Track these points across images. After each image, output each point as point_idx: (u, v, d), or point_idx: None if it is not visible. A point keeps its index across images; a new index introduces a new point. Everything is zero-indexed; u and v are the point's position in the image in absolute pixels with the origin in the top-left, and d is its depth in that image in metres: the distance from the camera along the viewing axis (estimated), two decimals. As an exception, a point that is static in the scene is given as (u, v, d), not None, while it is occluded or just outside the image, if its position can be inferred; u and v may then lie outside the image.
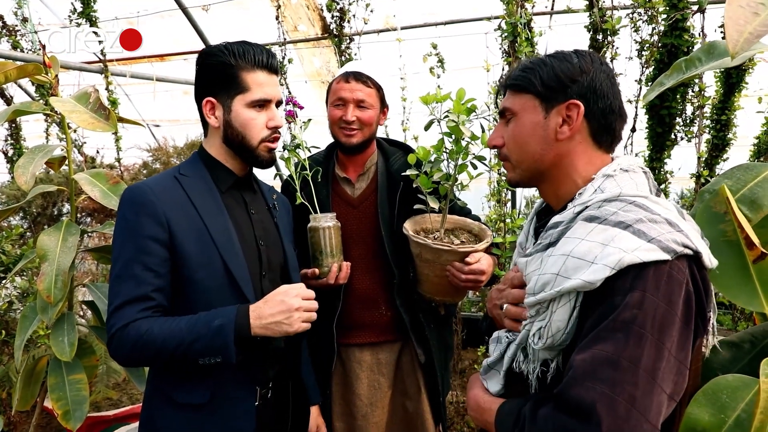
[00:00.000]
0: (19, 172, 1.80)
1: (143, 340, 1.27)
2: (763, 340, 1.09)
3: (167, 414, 1.39)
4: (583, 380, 0.86)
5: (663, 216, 0.96)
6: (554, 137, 1.09)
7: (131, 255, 1.31)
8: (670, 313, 0.88)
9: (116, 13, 4.66)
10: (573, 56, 1.10)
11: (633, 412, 0.83)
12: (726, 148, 3.42)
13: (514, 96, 1.14)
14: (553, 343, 0.99)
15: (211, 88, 1.43)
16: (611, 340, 0.87)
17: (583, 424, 0.84)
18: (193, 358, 1.27)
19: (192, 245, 1.36)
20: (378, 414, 1.97)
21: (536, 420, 0.91)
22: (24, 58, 4.16)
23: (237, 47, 1.40)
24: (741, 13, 0.85)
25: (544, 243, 1.07)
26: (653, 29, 2.97)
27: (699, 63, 1.15)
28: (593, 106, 1.07)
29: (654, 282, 0.89)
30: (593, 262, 0.92)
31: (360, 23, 3.85)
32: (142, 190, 1.36)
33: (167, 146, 4.86)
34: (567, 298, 0.96)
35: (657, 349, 0.86)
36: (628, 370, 0.85)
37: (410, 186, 1.81)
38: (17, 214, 4.18)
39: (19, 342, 1.90)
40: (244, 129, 1.42)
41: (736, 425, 0.90)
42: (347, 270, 1.79)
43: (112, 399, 3.17)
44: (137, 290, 1.30)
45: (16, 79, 1.89)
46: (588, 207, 1.03)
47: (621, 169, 1.07)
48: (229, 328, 1.26)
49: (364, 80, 1.87)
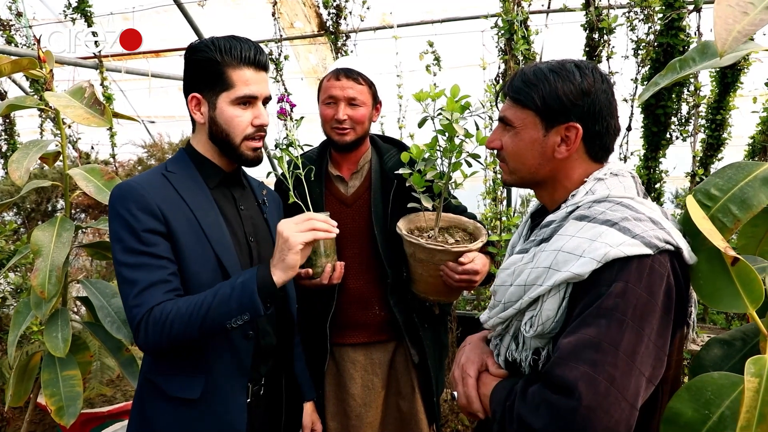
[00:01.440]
0: (13, 167, 1.79)
1: (171, 317, 1.25)
2: (754, 338, 1.10)
3: (159, 407, 1.39)
4: (567, 360, 0.94)
5: (647, 215, 1.04)
6: (552, 155, 1.15)
7: (136, 247, 1.30)
8: (650, 302, 0.95)
9: (111, 8, 4.64)
10: (576, 73, 1.11)
11: (612, 390, 0.90)
12: (721, 148, 3.44)
13: (515, 108, 1.17)
14: (543, 331, 1.06)
15: (196, 84, 1.42)
16: (594, 325, 0.95)
17: (565, 399, 0.91)
18: (220, 323, 1.24)
19: (188, 237, 1.36)
20: (372, 414, 1.96)
21: (525, 395, 0.99)
22: (18, 53, 4.14)
23: (224, 43, 1.38)
24: (730, 13, 0.86)
25: (538, 239, 1.14)
26: (649, 28, 2.98)
27: (693, 63, 1.16)
28: (591, 129, 1.12)
29: (637, 274, 0.96)
30: (581, 256, 1.00)
31: (356, 20, 3.85)
32: (131, 187, 1.35)
33: (162, 142, 4.84)
34: (557, 289, 1.03)
35: (636, 334, 0.94)
36: (608, 352, 0.92)
37: (404, 184, 1.80)
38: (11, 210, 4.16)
39: (13, 338, 1.89)
40: (228, 126, 1.41)
41: (720, 422, 0.92)
42: (341, 270, 1.78)
43: (106, 395, 3.17)
44: (154, 275, 1.29)
45: (11, 73, 1.88)
46: (579, 207, 1.10)
47: (611, 173, 1.14)
48: (252, 280, 1.25)
49: (355, 77, 1.84)
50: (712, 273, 1.02)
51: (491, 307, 1.22)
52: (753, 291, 0.95)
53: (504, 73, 3.13)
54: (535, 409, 0.95)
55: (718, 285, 1.00)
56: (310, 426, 1.79)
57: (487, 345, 1.29)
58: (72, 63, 4.54)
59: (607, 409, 0.89)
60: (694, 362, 1.15)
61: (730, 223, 1.07)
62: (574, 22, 3.21)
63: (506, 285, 1.15)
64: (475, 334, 1.35)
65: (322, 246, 1.74)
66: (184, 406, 1.37)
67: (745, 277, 0.96)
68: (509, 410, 1.02)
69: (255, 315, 1.25)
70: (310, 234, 1.29)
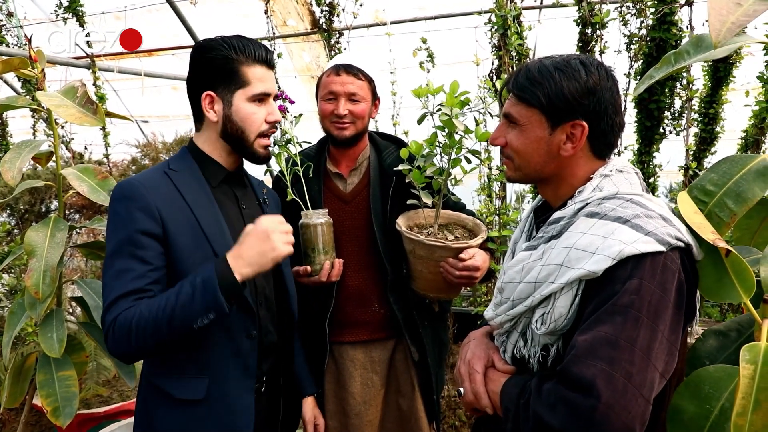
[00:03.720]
0: (6, 167, 1.78)
1: (135, 322, 1.23)
2: (749, 328, 1.11)
3: (163, 410, 1.38)
4: (584, 358, 0.94)
5: (657, 212, 1.05)
6: (557, 152, 1.15)
7: (126, 249, 1.30)
8: (664, 299, 0.97)
9: (103, 7, 4.61)
10: (581, 71, 1.11)
11: (629, 387, 0.91)
12: (714, 142, 3.45)
13: (520, 106, 1.17)
14: (555, 328, 1.06)
15: (210, 82, 1.41)
16: (610, 322, 0.95)
17: (583, 397, 0.91)
18: (188, 325, 1.22)
19: (185, 239, 1.35)
20: (372, 412, 1.96)
21: (541, 393, 0.99)
22: (10, 53, 4.12)
23: (236, 41, 1.40)
24: (724, 4, 0.87)
25: (546, 236, 1.14)
26: (641, 23, 2.99)
27: (687, 55, 1.17)
28: (597, 127, 1.12)
29: (651, 271, 0.97)
30: (595, 253, 1.01)
31: (349, 18, 3.84)
32: (132, 185, 1.35)
33: (156, 142, 4.82)
34: (569, 286, 1.04)
35: (651, 331, 0.95)
36: (625, 350, 0.93)
37: (403, 181, 1.79)
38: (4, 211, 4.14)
39: (7, 339, 1.88)
40: (244, 123, 1.42)
41: (721, 414, 0.93)
42: (340, 267, 1.77)
43: (103, 396, 3.16)
44: (133, 284, 1.28)
45: (2, 73, 1.88)
46: (588, 204, 1.10)
47: (616, 169, 1.15)
48: (212, 278, 1.23)
49: (355, 72, 1.84)
50: (711, 267, 1.03)
51: (498, 304, 1.21)
52: (745, 280, 0.97)
53: (498, 69, 3.13)
54: (552, 407, 0.96)
55: (716, 278, 1.02)
56: (313, 420, 1.79)
57: (491, 341, 1.29)
58: (64, 63, 4.51)
59: (625, 406, 0.89)
60: (690, 354, 1.16)
61: (727, 218, 1.08)
62: (567, 17, 3.22)
63: (515, 282, 1.14)
64: (478, 330, 1.35)
65: (321, 243, 1.73)
66: (189, 407, 1.36)
67: (737, 267, 0.98)
68: (524, 408, 1.02)
69: (220, 314, 1.24)
70: (289, 248, 1.30)
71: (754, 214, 1.23)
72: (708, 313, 3.91)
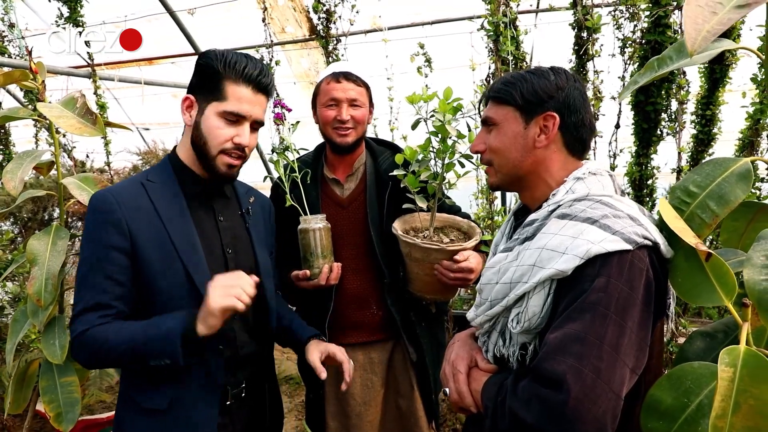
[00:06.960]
0: (8, 177, 1.81)
1: (99, 344, 1.30)
2: (735, 329, 1.12)
3: (133, 418, 1.42)
4: (554, 355, 0.97)
5: (626, 212, 1.08)
6: (533, 145, 1.20)
7: (93, 263, 1.34)
8: (631, 296, 0.99)
9: (103, 17, 4.64)
10: (550, 73, 1.21)
11: (598, 381, 0.93)
12: (711, 143, 3.45)
13: (497, 107, 1.25)
14: (530, 327, 1.10)
15: (195, 87, 1.45)
16: (580, 319, 0.98)
17: (555, 393, 0.94)
18: (143, 360, 1.30)
19: (154, 253, 1.36)
20: (372, 413, 1.98)
21: (516, 390, 1.03)
22: (11, 64, 4.16)
23: (231, 56, 1.40)
24: (699, 12, 0.89)
25: (521, 238, 1.18)
26: (635, 26, 3.00)
27: (670, 61, 1.19)
28: (567, 120, 1.19)
29: (618, 269, 1.00)
30: (564, 253, 1.04)
31: (346, 24, 3.87)
32: (105, 198, 1.37)
33: (157, 149, 4.85)
34: (541, 286, 1.07)
35: (619, 327, 0.97)
36: (593, 346, 0.95)
37: (399, 185, 1.82)
38: (7, 219, 4.17)
39: (11, 346, 1.91)
40: (207, 135, 1.41)
41: (698, 410, 0.94)
42: (338, 270, 1.80)
43: (106, 402, 3.18)
44: (97, 298, 1.33)
45: (3, 85, 1.90)
46: (560, 206, 1.14)
47: (590, 172, 1.19)
48: (176, 331, 1.28)
49: (354, 79, 1.89)
50: (690, 270, 1.04)
51: (477, 305, 1.25)
52: (727, 283, 0.98)
53: (494, 74, 3.15)
54: (526, 403, 0.99)
55: (695, 281, 1.03)
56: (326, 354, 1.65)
57: (475, 342, 1.31)
58: (65, 72, 4.55)
59: (594, 400, 0.92)
60: (678, 354, 1.18)
61: (709, 219, 1.10)
62: (563, 21, 3.24)
63: (492, 283, 1.18)
64: (463, 332, 1.38)
65: (320, 248, 1.76)
66: (153, 417, 1.39)
67: (718, 270, 0.99)
68: (501, 405, 1.05)
69: (175, 363, 1.28)
70: (230, 300, 1.28)
71: (740, 217, 1.25)
72: (709, 314, 3.91)
